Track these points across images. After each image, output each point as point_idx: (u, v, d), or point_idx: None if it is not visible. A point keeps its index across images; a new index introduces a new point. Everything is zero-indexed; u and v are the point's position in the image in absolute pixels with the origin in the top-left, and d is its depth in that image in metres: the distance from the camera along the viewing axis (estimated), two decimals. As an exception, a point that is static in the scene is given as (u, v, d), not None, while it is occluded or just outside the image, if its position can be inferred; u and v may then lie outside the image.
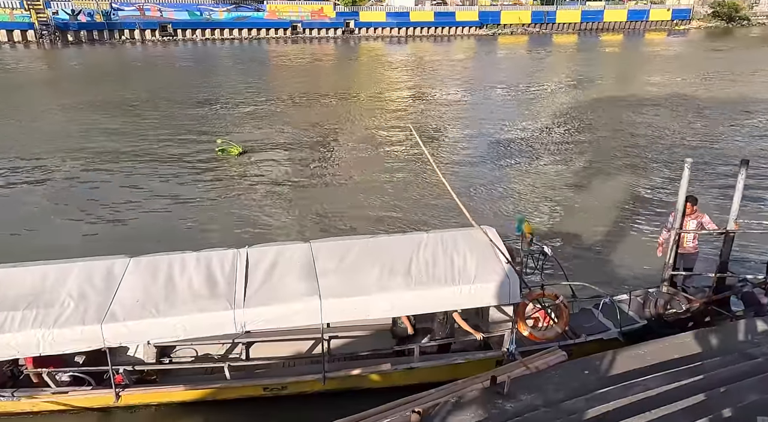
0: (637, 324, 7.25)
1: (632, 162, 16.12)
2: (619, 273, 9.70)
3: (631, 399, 4.13)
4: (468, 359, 6.84)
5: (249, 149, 17.16)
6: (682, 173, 6.05)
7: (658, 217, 11.98)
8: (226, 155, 16.43)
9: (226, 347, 7.18)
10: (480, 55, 44.45)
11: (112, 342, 5.63)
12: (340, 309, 6.11)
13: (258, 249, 6.65)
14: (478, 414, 4.29)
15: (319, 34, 53.12)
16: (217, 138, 17.30)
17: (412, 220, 12.08)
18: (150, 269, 6.17)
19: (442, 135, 19.68)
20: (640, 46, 50.33)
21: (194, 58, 41.36)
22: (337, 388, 6.64)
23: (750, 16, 62.83)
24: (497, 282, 6.35)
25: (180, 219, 12.40)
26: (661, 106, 23.75)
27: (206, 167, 15.83)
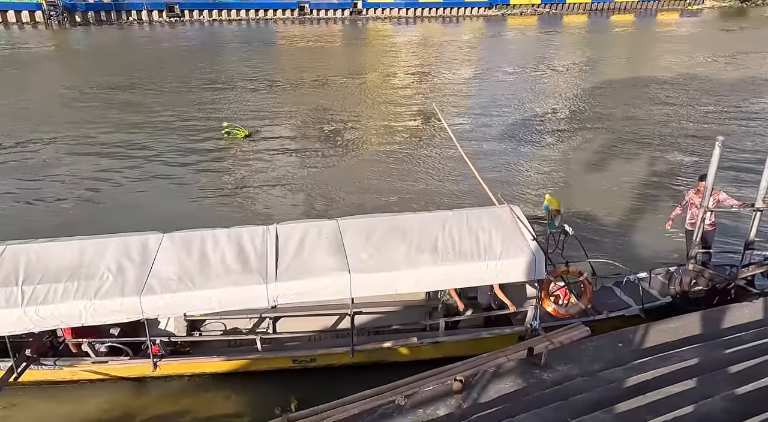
0: (658, 301, 7.30)
1: (647, 141, 16.08)
2: (636, 252, 9.77)
3: (668, 369, 4.22)
4: (493, 334, 6.93)
5: (255, 131, 17.16)
6: (712, 152, 6.02)
7: (672, 197, 12.02)
8: (232, 138, 16.44)
9: (253, 322, 7.31)
10: (489, 36, 43.94)
11: (150, 314, 5.77)
12: (369, 284, 6.20)
13: (287, 226, 6.74)
14: (517, 383, 4.40)
15: (326, 14, 52.61)
16: (223, 121, 17.30)
17: (430, 202, 12.13)
18: (183, 244, 6.27)
19: (455, 115, 19.59)
20: (652, 26, 49.55)
21: (201, 39, 41.14)
22: (365, 361, 6.78)
23: (765, -5, 61.63)
24: (523, 258, 6.40)
25: (181, 202, 12.42)
26: (674, 86, 23.54)
27: (212, 149, 15.83)
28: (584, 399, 3.89)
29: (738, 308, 5.90)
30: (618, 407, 3.65)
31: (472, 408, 4.14)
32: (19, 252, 5.95)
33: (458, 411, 4.15)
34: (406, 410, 4.25)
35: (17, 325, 5.49)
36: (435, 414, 4.17)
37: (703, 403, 3.64)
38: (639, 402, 3.68)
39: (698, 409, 3.56)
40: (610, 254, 8.62)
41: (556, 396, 4.03)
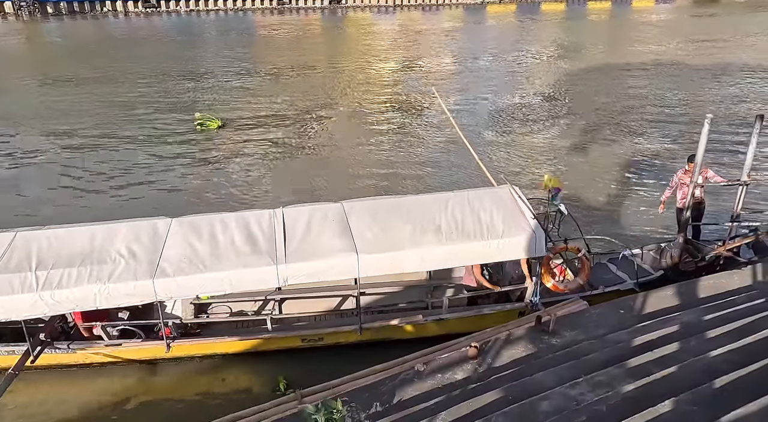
0: (651, 275, 7.62)
1: (628, 124, 16.50)
2: (628, 229, 10.12)
3: (670, 329, 4.49)
4: (495, 310, 7.17)
5: (230, 122, 17.03)
6: (702, 129, 6.30)
7: (655, 176, 12.43)
8: (205, 129, 16.29)
9: (259, 304, 7.44)
10: (469, 24, 44.07)
11: (163, 296, 5.86)
12: (375, 263, 6.36)
13: (293, 209, 6.87)
14: (528, 348, 4.63)
15: (305, 4, 52.05)
16: (196, 111, 17.10)
17: (428, 184, 12.33)
18: (193, 228, 6.36)
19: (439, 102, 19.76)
20: (628, 13, 50.27)
21: (178, 29, 40.40)
22: (371, 339, 6.97)
23: (736, -18, 62.86)
24: (524, 236, 6.63)
25: (153, 193, 12.36)
26: (651, 71, 24.05)
27: (184, 141, 15.67)
28: (594, 359, 4.14)
29: (728, 275, 6.24)
30: (628, 363, 3.90)
31: (488, 372, 4.36)
32: (30, 239, 5.98)
33: (475, 375, 4.37)
34: (425, 375, 4.45)
35: (33, 310, 5.54)
36: (453, 378, 4.38)
37: (705, 356, 3.91)
38: (647, 357, 3.94)
39: (701, 361, 3.84)
40: (604, 232, 8.92)
41: (567, 357, 4.27)
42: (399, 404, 4.19)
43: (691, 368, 3.71)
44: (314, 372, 6.91)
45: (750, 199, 9.45)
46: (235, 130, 16.59)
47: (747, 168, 6.90)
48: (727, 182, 7.62)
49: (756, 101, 18.99)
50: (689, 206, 7.23)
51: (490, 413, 3.75)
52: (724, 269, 6.94)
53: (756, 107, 17.83)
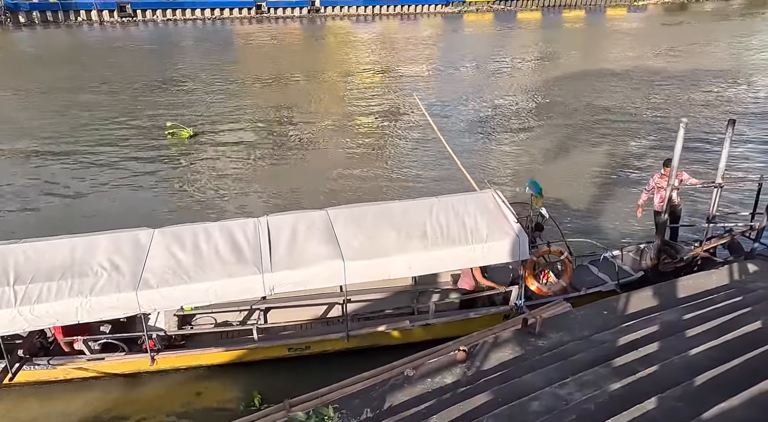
0: (632, 276, 7.78)
1: (604, 129, 16.85)
2: (607, 232, 10.31)
3: (653, 329, 4.59)
4: (481, 314, 7.23)
5: (204, 131, 16.88)
6: (677, 133, 6.48)
7: (630, 179, 12.71)
8: (176, 138, 16.11)
9: (244, 314, 7.37)
10: (448, 32, 44.61)
11: (147, 308, 5.77)
12: (362, 270, 6.37)
13: (278, 218, 6.85)
14: (515, 351, 4.68)
15: (284, 13, 52.11)
16: (167, 120, 16.88)
17: (411, 190, 12.39)
18: (176, 239, 6.29)
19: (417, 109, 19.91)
20: (602, 21, 51.47)
21: (154, 39, 39.98)
22: (358, 346, 6.95)
23: (703, -9, 64.92)
24: (508, 240, 6.72)
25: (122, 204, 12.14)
26: (625, 77, 24.62)
27: (155, 151, 15.44)
28: (581, 359, 4.20)
29: (705, 275, 6.40)
30: (614, 362, 3.97)
31: (477, 375, 4.39)
32: (7, 253, 5.83)
33: (464, 378, 4.40)
34: (415, 380, 4.46)
35: (11, 325, 5.41)
36: (443, 382, 4.41)
37: (687, 354, 4.01)
38: (632, 356, 4.02)
39: (683, 359, 3.93)
40: (584, 235, 9.09)
41: (554, 358, 4.33)
42: (389, 409, 4.19)
43: (674, 366, 3.80)
44: (301, 382, 6.85)
45: (724, 201, 9.73)
46: (209, 139, 16.41)
47: (721, 170, 7.11)
48: (703, 184, 7.83)
49: (726, 106, 19.59)
50: (666, 209, 7.41)
51: (480, 415, 3.79)
52: (701, 269, 7.12)
53: (726, 111, 18.39)
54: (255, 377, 6.83)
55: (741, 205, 9.98)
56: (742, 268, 6.38)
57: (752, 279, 5.94)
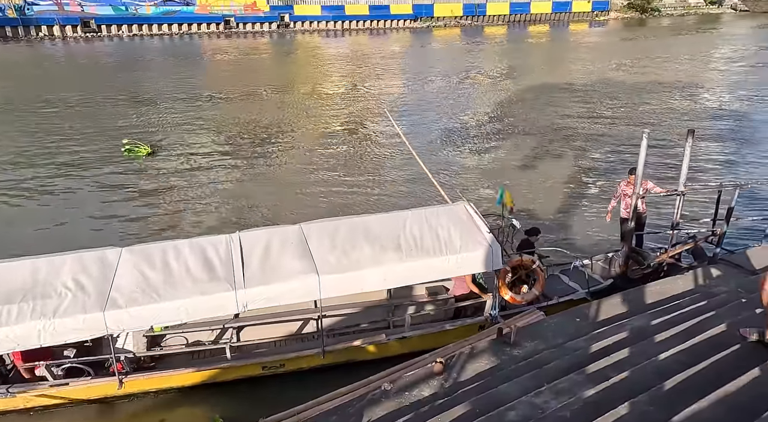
0: (602, 284, 7.95)
1: (570, 140, 17.31)
2: (577, 241, 10.52)
3: (623, 335, 4.69)
4: (455, 326, 7.26)
5: (163, 148, 16.52)
6: (640, 143, 6.70)
7: (597, 188, 13.05)
8: (133, 156, 15.67)
9: (216, 333, 7.22)
10: (416, 47, 45.26)
11: (115, 329, 5.60)
12: (337, 284, 6.34)
13: (250, 233, 6.78)
14: (491, 361, 4.71)
15: (253, 28, 52.01)
16: (124, 138, 16.45)
17: (381, 205, 12.41)
18: (145, 257, 6.14)
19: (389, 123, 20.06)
20: (565, 36, 53.10)
21: (119, 54, 39.27)
22: (334, 362, 6.88)
23: (660, 7, 67.83)
24: (481, 250, 6.79)
25: (78, 226, 11.67)
26: (588, 90, 25.40)
27: (111, 168, 14.97)
28: (556, 367, 4.26)
29: (672, 281, 6.60)
30: (587, 369, 4.04)
31: (454, 386, 4.40)
32: (-37, 277, 5.58)
33: (442, 391, 4.40)
34: (393, 394, 4.43)
35: (-32, 352, 5.16)
36: (420, 395, 4.39)
37: (657, 358, 4.11)
38: (604, 363, 4.10)
39: (653, 363, 4.03)
40: (555, 244, 9.26)
41: (530, 367, 4.37)
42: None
43: (645, 370, 3.89)
44: (277, 401, 6.70)
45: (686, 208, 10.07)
46: (170, 155, 15.94)
47: (683, 178, 7.37)
48: (666, 192, 8.09)
49: (685, 116, 20.39)
50: (632, 217, 7.62)
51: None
52: (667, 275, 7.33)
53: (686, 122, 19.14)
54: (228, 397, 6.67)
55: (703, 212, 10.34)
56: (706, 273, 6.61)
57: (715, 283, 6.15)
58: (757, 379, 3.47)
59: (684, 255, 7.99)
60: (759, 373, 3.53)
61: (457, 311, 7.57)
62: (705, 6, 71.63)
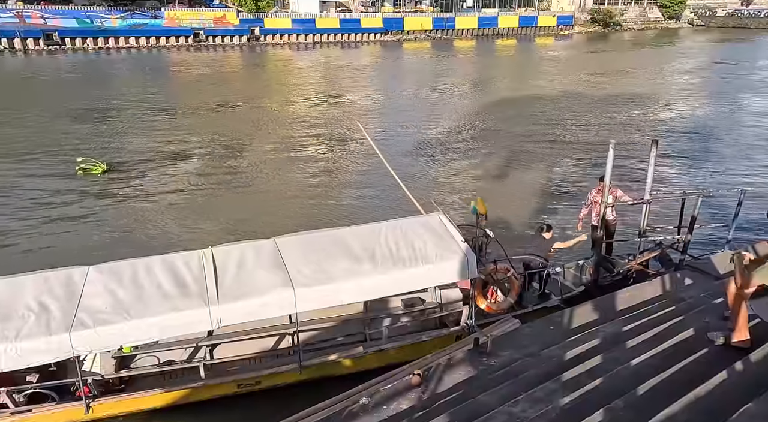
0: (574, 291, 8.09)
1: (540, 151, 17.68)
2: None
3: (596, 342, 4.78)
4: (432, 337, 7.27)
5: (123, 165, 16.02)
6: (607, 153, 6.89)
7: (566, 197, 13.33)
8: (88, 174, 15.13)
9: (189, 351, 7.04)
10: (388, 60, 45.71)
11: (82, 351, 5.40)
12: (313, 297, 6.28)
13: (222, 249, 6.67)
14: (468, 371, 4.73)
15: (223, 41, 51.68)
16: (78, 155, 15.77)
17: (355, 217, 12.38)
18: (114, 274, 5.98)
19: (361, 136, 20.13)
20: (532, 49, 54.48)
21: (83, 68, 38.32)
22: (312, 377, 6.80)
23: (621, 22, 70.34)
24: (456, 260, 6.84)
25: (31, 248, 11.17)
26: (555, 101, 26.07)
27: (62, 189, 14.37)
28: (532, 375, 4.30)
29: (641, 287, 6.77)
30: (563, 376, 4.09)
31: (432, 398, 4.39)
32: None
33: (420, 403, 4.38)
34: (371, 408, 4.40)
35: None
36: (399, 408, 4.37)
37: (629, 364, 4.20)
38: (579, 370, 4.16)
39: (627, 369, 4.11)
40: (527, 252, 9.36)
41: (506, 376, 4.41)
42: (346, 441, 4.10)
43: (618, 376, 3.97)
44: (253, 420, 6.60)
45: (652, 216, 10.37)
46: (130, 173, 15.42)
47: (648, 187, 7.59)
48: (634, 201, 8.32)
49: (649, 126, 21.10)
50: (602, 225, 7.81)
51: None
52: (636, 281, 7.52)
53: (650, 131, 19.81)
54: (203, 418, 6.52)
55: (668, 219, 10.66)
56: (673, 279, 6.81)
57: (682, 289, 6.34)
58: (725, 382, 3.58)
59: (652, 262, 8.21)
60: (726, 376, 3.64)
61: (440, 320, 7.59)
62: (664, 21, 74.63)
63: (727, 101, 26.11)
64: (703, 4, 79.86)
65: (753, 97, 26.95)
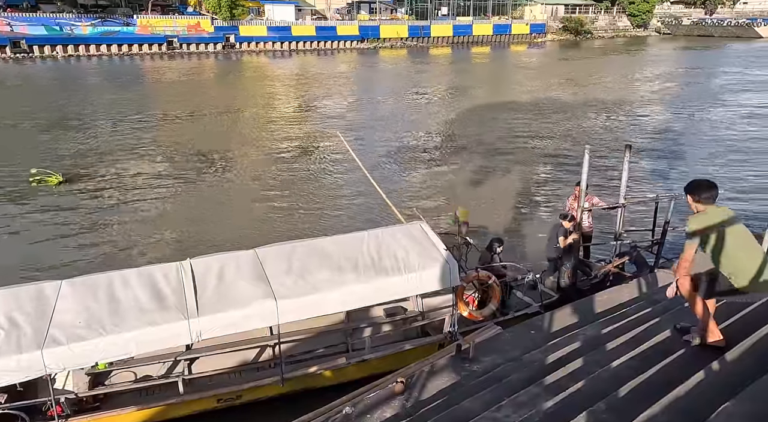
0: (553, 296, 8.20)
1: (517, 157, 17.93)
2: (528, 255, 10.80)
3: (577, 345, 4.85)
4: (416, 345, 7.27)
5: (79, 177, 15.50)
6: (583, 159, 7.03)
7: (544, 202, 13.52)
8: (42, 185, 14.68)
9: (168, 366, 6.88)
10: (364, 67, 45.89)
11: (55, 368, 5.23)
12: (295, 308, 6.21)
13: (201, 260, 6.56)
14: (452, 377, 4.74)
15: (197, 49, 51.22)
16: (33, 167, 15.23)
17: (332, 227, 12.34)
18: (88, 288, 5.82)
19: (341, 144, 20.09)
20: (506, 57, 55.40)
21: (51, 76, 37.47)
22: (294, 389, 6.71)
23: (592, 30, 72.18)
24: (438, 268, 6.86)
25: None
26: (530, 108, 26.51)
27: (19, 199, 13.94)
28: (514, 380, 4.33)
29: (617, 290, 6.91)
30: (545, 380, 4.13)
31: (416, 406, 4.39)
32: None
33: (404, 411, 4.37)
34: (354, 417, 4.37)
35: None
36: (383, 416, 4.35)
37: (609, 366, 4.26)
38: (561, 373, 4.20)
39: (607, 371, 4.18)
40: (507, 259, 9.47)
41: (489, 382, 4.43)
42: (330, 452, 4.06)
43: (599, 379, 4.02)
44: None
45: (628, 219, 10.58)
46: (88, 184, 14.97)
47: (623, 191, 7.77)
48: (609, 206, 8.49)
49: (622, 131, 21.61)
50: (579, 230, 7.94)
51: (422, 448, 3.76)
52: (613, 284, 7.66)
53: (623, 136, 20.29)
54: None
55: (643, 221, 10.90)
56: (648, 281, 6.96)
57: (657, 290, 6.48)
58: (702, 382, 3.66)
59: (628, 265, 8.38)
60: (704, 376, 3.72)
61: (422, 329, 7.59)
62: (632, 29, 76.82)
63: (692, 106, 26.96)
64: (669, 13, 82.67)
65: (714, 103, 27.91)
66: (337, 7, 64.77)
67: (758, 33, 70.12)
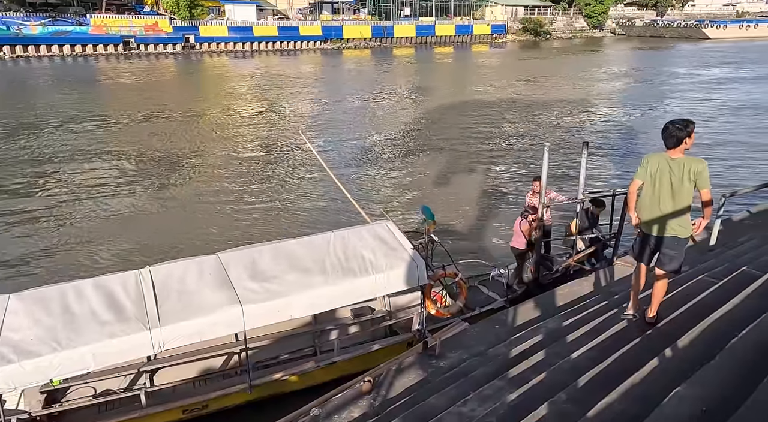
0: (518, 291, 8.37)
1: (479, 155, 18.24)
2: (492, 251, 11.00)
3: (539, 337, 4.98)
4: (385, 345, 7.28)
5: (22, 185, 14.90)
6: (542, 156, 7.22)
7: (505, 199, 13.80)
8: None
9: (129, 379, 6.69)
10: (328, 68, 45.72)
11: (5, 388, 4.97)
12: (261, 313, 6.11)
13: (162, 267, 6.37)
14: (418, 375, 4.79)
15: (156, 49, 49.94)
16: None
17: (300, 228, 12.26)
18: (39, 302, 5.56)
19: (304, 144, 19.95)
20: (468, 57, 56.19)
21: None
22: (262, 396, 6.62)
23: (551, 30, 73.98)
24: (406, 267, 6.86)
25: None
26: (491, 106, 27.03)
27: None
28: (479, 374, 4.42)
29: (578, 283, 7.12)
30: (509, 373, 4.23)
31: (383, 404, 4.41)
32: None
33: (371, 410, 4.39)
34: (322, 419, 4.36)
35: None
36: (350, 416, 4.35)
37: (571, 357, 4.40)
38: (524, 366, 4.31)
39: (568, 362, 4.30)
40: (473, 256, 9.64)
41: (455, 377, 4.50)
42: (299, 455, 4.04)
43: (561, 370, 4.14)
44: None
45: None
46: (32, 190, 14.33)
47: (581, 187, 8.00)
48: (568, 201, 8.72)
49: (580, 128, 22.23)
50: (539, 225, 8.13)
51: (390, 446, 3.79)
52: (574, 278, 7.88)
53: (581, 134, 20.88)
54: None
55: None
56: (605, 274, 7.21)
57: (613, 283, 6.73)
58: (656, 369, 3.82)
59: (587, 258, 8.63)
60: (657, 363, 3.89)
61: (391, 328, 7.61)
62: (589, 30, 79.14)
63: (643, 105, 28.01)
64: (623, 14, 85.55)
65: (663, 101, 29.09)
66: (300, 8, 64.30)
67: (705, 34, 73.45)
